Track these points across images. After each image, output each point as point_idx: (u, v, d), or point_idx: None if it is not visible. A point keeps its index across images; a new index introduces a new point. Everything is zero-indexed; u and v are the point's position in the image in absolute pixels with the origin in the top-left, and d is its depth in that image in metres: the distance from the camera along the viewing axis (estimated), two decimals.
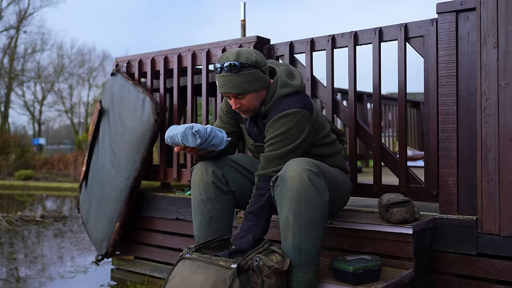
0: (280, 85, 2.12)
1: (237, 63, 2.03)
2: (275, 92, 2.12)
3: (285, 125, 2.03)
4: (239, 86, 2.05)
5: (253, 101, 2.11)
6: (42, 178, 12.55)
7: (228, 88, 2.06)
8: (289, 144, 2.03)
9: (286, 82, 2.13)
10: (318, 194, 1.88)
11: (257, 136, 2.21)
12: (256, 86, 2.08)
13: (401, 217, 2.12)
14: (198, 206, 2.15)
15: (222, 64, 2.06)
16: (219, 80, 2.09)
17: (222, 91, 2.10)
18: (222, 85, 2.08)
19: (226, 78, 2.06)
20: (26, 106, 29.20)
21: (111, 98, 3.60)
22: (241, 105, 2.11)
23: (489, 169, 2.14)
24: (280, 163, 2.03)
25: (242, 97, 2.09)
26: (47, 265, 4.16)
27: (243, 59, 2.04)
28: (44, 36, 31.85)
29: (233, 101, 2.11)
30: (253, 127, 2.22)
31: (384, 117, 6.48)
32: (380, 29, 2.59)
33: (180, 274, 1.85)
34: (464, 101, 2.26)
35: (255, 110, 2.15)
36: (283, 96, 2.11)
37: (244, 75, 2.05)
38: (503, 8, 2.11)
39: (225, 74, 2.06)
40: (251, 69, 2.06)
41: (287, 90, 2.11)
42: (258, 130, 2.20)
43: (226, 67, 2.04)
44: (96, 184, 3.55)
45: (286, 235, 1.90)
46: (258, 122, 2.19)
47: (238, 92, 2.06)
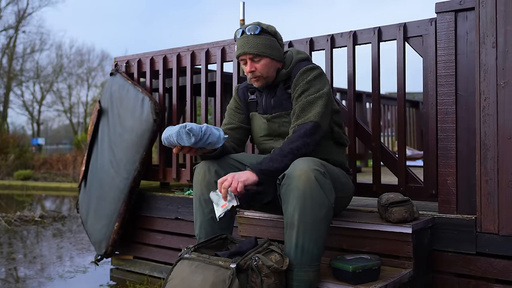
0: (296, 53, 2.30)
1: (258, 27, 2.18)
2: (293, 58, 2.26)
3: (311, 75, 2.17)
4: (257, 47, 2.16)
5: (267, 68, 2.20)
6: (41, 178, 12.54)
7: (247, 48, 2.16)
8: (318, 91, 2.14)
9: (300, 51, 2.33)
10: (324, 195, 1.89)
11: (275, 107, 2.27)
12: (273, 52, 2.20)
13: (400, 217, 2.12)
14: (200, 205, 2.15)
15: (244, 28, 2.20)
16: (239, 42, 2.20)
17: (240, 51, 2.19)
18: (241, 46, 2.18)
19: (246, 39, 2.18)
20: (25, 106, 29.18)
21: (110, 98, 3.60)
22: (255, 69, 2.19)
23: (488, 168, 2.14)
24: (312, 108, 2.11)
25: (258, 60, 2.18)
26: (46, 265, 4.16)
27: (264, 26, 2.20)
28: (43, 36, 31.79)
29: (248, 64, 2.20)
30: (270, 99, 2.29)
31: (383, 116, 6.48)
32: (379, 28, 2.59)
33: (179, 274, 1.85)
34: (463, 101, 2.27)
35: (268, 79, 2.23)
36: (301, 60, 2.28)
37: (263, 38, 2.18)
38: (502, 8, 2.11)
39: (246, 35, 2.18)
40: (270, 36, 2.20)
41: (304, 56, 2.30)
42: (276, 99, 2.26)
43: (247, 29, 2.18)
44: (95, 184, 3.55)
45: (290, 234, 1.90)
46: (277, 91, 2.27)
47: (256, 53, 2.16)
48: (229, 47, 3.14)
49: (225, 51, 3.16)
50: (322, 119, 2.12)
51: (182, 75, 3.56)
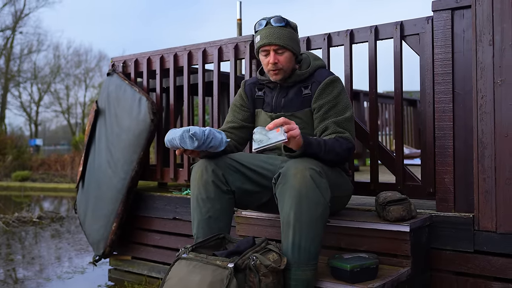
0: (313, 58, 2.30)
1: (284, 19, 2.19)
2: (311, 62, 2.27)
3: (338, 88, 2.20)
4: (284, 39, 2.16)
5: (289, 61, 2.20)
6: (39, 179, 12.52)
7: (273, 38, 2.15)
8: (348, 108, 2.18)
9: (317, 56, 2.33)
10: (320, 193, 1.88)
11: (284, 106, 2.26)
12: (295, 46, 2.21)
13: (398, 215, 2.12)
14: (197, 205, 2.14)
15: (268, 19, 2.19)
16: (263, 32, 2.18)
17: (266, 41, 2.16)
18: (267, 36, 2.16)
19: (272, 30, 2.16)
20: (22, 107, 29.13)
21: (107, 98, 3.59)
22: (278, 61, 2.18)
23: (486, 166, 2.14)
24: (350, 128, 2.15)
25: (282, 52, 2.18)
26: (44, 266, 4.15)
27: (287, 19, 2.20)
28: (40, 36, 31.79)
29: (272, 55, 2.17)
30: (280, 98, 2.28)
31: (380, 115, 6.49)
32: (376, 27, 2.59)
33: (177, 274, 1.85)
34: (460, 99, 2.27)
35: (286, 73, 2.23)
36: (321, 66, 2.29)
37: (288, 31, 2.19)
38: (498, 6, 2.11)
39: (271, 26, 2.17)
40: (293, 30, 2.22)
41: (321, 63, 2.31)
42: (287, 100, 2.25)
43: (273, 20, 2.17)
44: (93, 184, 3.54)
45: (287, 233, 1.90)
46: (289, 91, 2.26)
47: (282, 44, 2.15)
48: (226, 47, 3.14)
49: (222, 50, 3.16)
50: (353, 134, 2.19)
51: (179, 75, 3.55)
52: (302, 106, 2.24)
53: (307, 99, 2.23)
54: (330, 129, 2.13)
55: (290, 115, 2.23)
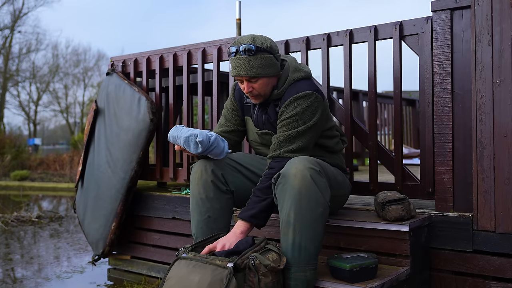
0: (292, 70, 2.18)
1: (253, 46, 2.07)
2: (288, 77, 2.16)
3: (299, 106, 2.08)
4: (254, 69, 2.08)
5: (265, 86, 2.14)
6: (37, 179, 12.52)
7: (242, 70, 2.08)
8: (302, 125, 2.08)
9: (298, 68, 2.20)
10: (320, 193, 1.89)
11: (265, 124, 2.23)
12: (269, 71, 2.11)
13: (397, 215, 2.12)
14: (196, 204, 2.15)
15: (237, 47, 2.09)
16: (233, 62, 2.11)
17: (236, 73, 2.11)
18: (236, 67, 2.10)
19: (241, 61, 2.08)
20: (21, 106, 29.12)
21: (106, 97, 3.59)
22: (253, 89, 2.13)
23: (485, 166, 2.14)
24: (292, 143, 2.07)
25: (255, 81, 2.11)
26: (43, 265, 4.15)
27: (258, 43, 2.08)
28: (39, 36, 31.81)
29: (245, 85, 2.13)
30: (261, 115, 2.24)
31: (379, 115, 6.49)
32: (375, 27, 2.60)
33: (176, 274, 1.85)
34: (459, 99, 2.27)
35: (266, 95, 2.18)
36: (297, 80, 2.17)
37: (259, 58, 2.08)
38: (497, 6, 2.11)
39: (240, 56, 2.08)
40: (266, 53, 2.10)
41: (300, 75, 2.18)
42: (267, 117, 2.21)
43: (241, 50, 2.07)
44: (92, 184, 3.54)
45: (287, 233, 1.90)
46: (268, 108, 2.22)
47: (252, 75, 2.08)
48: (225, 46, 3.14)
49: (222, 50, 3.16)
50: (302, 152, 2.08)
51: (178, 75, 3.55)
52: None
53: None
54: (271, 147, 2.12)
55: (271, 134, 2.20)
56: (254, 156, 2.34)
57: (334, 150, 2.28)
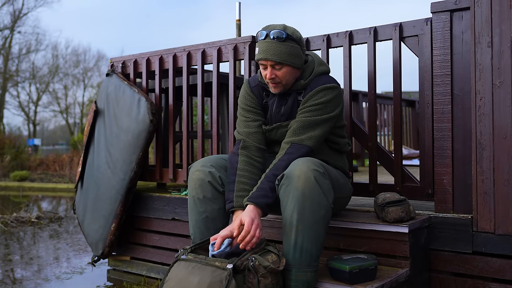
0: (318, 64, 2.23)
1: (284, 33, 2.07)
2: (314, 69, 2.20)
3: (326, 96, 2.13)
4: (281, 55, 2.07)
5: (287, 75, 2.13)
6: (37, 179, 12.51)
7: (270, 54, 2.07)
8: (325, 114, 2.12)
9: (322, 62, 2.26)
10: (323, 195, 1.89)
11: (283, 115, 2.19)
12: (295, 61, 2.12)
13: (397, 216, 2.12)
14: (194, 205, 2.15)
15: (268, 31, 2.09)
16: (262, 45, 2.09)
17: (262, 56, 2.09)
18: (264, 50, 2.08)
19: (270, 45, 2.07)
20: (21, 106, 29.12)
21: (106, 98, 3.59)
22: (276, 76, 2.12)
23: (484, 167, 2.14)
24: (314, 130, 2.09)
25: (280, 68, 2.10)
26: (43, 266, 4.14)
27: (289, 32, 2.10)
28: (38, 36, 31.82)
29: (269, 71, 2.11)
30: (279, 106, 2.21)
31: (379, 116, 6.49)
32: (375, 28, 2.60)
33: (176, 275, 1.85)
34: (459, 100, 2.27)
35: (286, 86, 2.17)
36: (322, 72, 2.22)
37: (288, 46, 2.08)
38: (497, 7, 2.12)
39: (269, 40, 2.08)
40: (295, 43, 2.11)
41: (325, 68, 2.24)
42: (286, 108, 2.19)
43: (272, 34, 2.07)
44: (91, 184, 3.54)
45: (289, 234, 1.90)
46: (288, 99, 2.20)
47: (278, 61, 2.07)
48: (225, 47, 3.14)
49: (221, 51, 3.16)
50: (318, 144, 2.11)
51: (178, 76, 3.55)
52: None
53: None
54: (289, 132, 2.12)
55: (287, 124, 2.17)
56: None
57: (342, 150, 2.30)
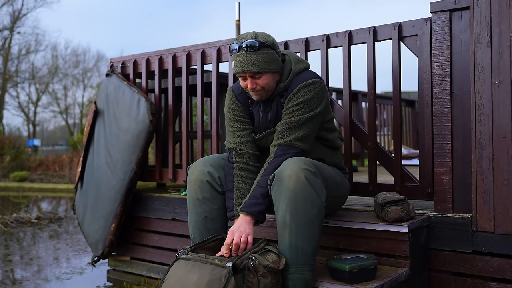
0: (295, 62, 2.18)
1: (256, 42, 2.05)
2: (292, 68, 2.16)
3: (307, 94, 2.09)
4: (258, 64, 2.05)
5: (268, 82, 2.11)
6: (37, 180, 12.51)
7: (247, 66, 2.05)
8: (309, 112, 2.08)
9: (299, 59, 2.21)
10: (315, 194, 1.89)
11: (271, 122, 2.17)
12: (272, 66, 2.09)
13: (397, 216, 2.12)
14: (193, 205, 2.15)
15: (240, 43, 2.06)
16: (237, 59, 2.07)
17: (239, 70, 2.07)
18: (240, 63, 2.06)
19: (244, 57, 2.05)
20: (20, 107, 29.10)
21: (106, 99, 3.59)
22: (256, 85, 2.09)
23: (484, 167, 2.15)
24: (300, 130, 2.06)
25: (259, 76, 2.08)
26: (43, 266, 4.15)
27: (261, 39, 2.07)
28: (38, 37, 31.77)
29: (249, 81, 2.09)
30: (265, 114, 2.19)
31: (379, 116, 6.49)
32: (374, 28, 2.60)
33: (175, 274, 1.85)
34: (458, 100, 2.27)
35: (268, 92, 2.14)
36: (300, 70, 2.17)
37: (263, 54, 2.06)
38: (496, 7, 2.12)
39: (243, 52, 2.05)
40: (269, 49, 2.08)
41: (303, 65, 2.19)
42: (272, 114, 2.17)
43: (245, 46, 2.05)
44: (91, 185, 3.54)
45: (283, 234, 1.90)
46: (272, 104, 2.17)
47: (256, 71, 2.05)
48: (225, 47, 3.14)
49: (221, 51, 3.16)
50: (308, 143, 2.10)
51: (178, 76, 3.56)
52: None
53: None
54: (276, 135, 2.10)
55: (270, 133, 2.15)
56: None
57: (335, 145, 2.28)
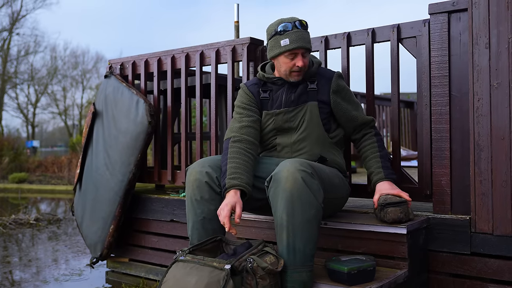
0: (312, 56, 2.40)
1: (306, 22, 2.26)
2: (312, 60, 2.37)
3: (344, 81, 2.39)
4: (309, 42, 2.25)
5: (308, 62, 2.30)
6: (36, 181, 12.49)
7: (305, 42, 2.22)
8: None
9: (313, 55, 2.44)
10: (312, 195, 1.89)
11: (293, 102, 2.29)
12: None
13: (396, 217, 2.12)
14: (192, 206, 2.15)
15: (293, 22, 2.22)
16: (293, 35, 2.20)
17: (297, 45, 2.20)
18: (297, 39, 2.20)
19: (302, 33, 2.22)
20: (19, 108, 29.10)
21: (104, 100, 3.59)
22: (304, 64, 2.25)
23: (482, 168, 2.15)
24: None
25: (307, 55, 2.27)
26: (41, 268, 4.14)
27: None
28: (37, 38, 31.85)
29: (300, 59, 2.23)
30: (290, 94, 2.31)
31: (377, 117, 6.50)
32: (373, 30, 2.60)
33: (174, 276, 1.85)
34: (457, 101, 2.28)
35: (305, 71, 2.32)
36: (320, 64, 2.41)
37: (309, 34, 2.28)
38: (494, 9, 2.12)
39: (298, 30, 2.21)
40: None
41: (319, 61, 2.43)
42: (296, 95, 2.29)
43: (298, 24, 2.22)
44: (90, 186, 3.54)
45: (281, 235, 1.90)
46: (298, 87, 2.31)
47: (310, 47, 2.25)
48: (223, 49, 3.14)
49: (220, 53, 3.16)
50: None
51: (176, 77, 3.56)
52: (308, 99, 2.29)
53: (312, 93, 2.29)
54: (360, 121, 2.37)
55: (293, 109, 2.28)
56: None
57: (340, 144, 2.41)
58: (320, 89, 2.30)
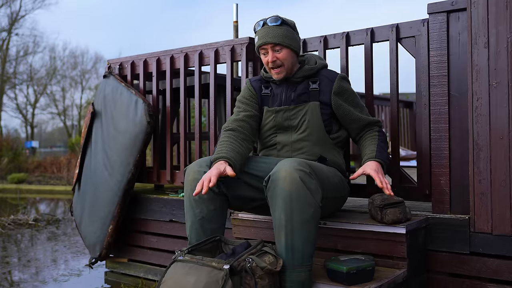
0: (318, 57, 2.41)
1: (279, 18, 2.25)
2: (317, 61, 2.37)
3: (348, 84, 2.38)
4: (279, 37, 2.22)
5: (288, 58, 2.27)
6: (35, 181, 12.48)
7: (269, 37, 2.22)
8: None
9: (321, 57, 2.44)
10: (310, 194, 1.89)
11: (293, 101, 2.30)
12: (293, 43, 2.27)
13: (395, 217, 2.12)
14: (190, 206, 2.14)
15: (265, 20, 2.26)
16: (260, 32, 2.25)
17: (262, 41, 2.23)
18: (262, 36, 2.24)
19: (267, 30, 2.24)
20: (18, 109, 29.07)
21: (103, 100, 3.59)
22: (277, 58, 2.24)
23: (481, 168, 2.15)
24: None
25: (279, 49, 2.24)
26: (40, 268, 4.14)
27: (283, 18, 2.27)
28: (36, 38, 31.81)
29: (270, 55, 2.24)
30: (290, 92, 2.32)
31: (377, 117, 6.49)
32: (372, 29, 2.60)
33: (172, 276, 1.84)
34: (456, 101, 2.28)
35: (288, 70, 2.30)
36: (325, 66, 2.40)
37: (284, 29, 2.25)
38: (493, 8, 2.12)
39: (266, 26, 2.25)
40: (289, 28, 2.28)
41: (326, 63, 2.42)
42: (296, 94, 2.30)
43: (268, 20, 2.25)
44: (89, 186, 3.53)
45: (279, 235, 1.90)
46: (299, 86, 2.32)
47: (277, 42, 2.22)
48: (222, 49, 3.14)
49: (219, 52, 3.16)
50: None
51: (175, 77, 3.55)
52: (309, 99, 2.29)
53: (314, 93, 2.29)
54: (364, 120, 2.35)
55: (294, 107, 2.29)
56: (250, 158, 2.33)
57: (342, 144, 2.41)
58: (322, 90, 2.30)
